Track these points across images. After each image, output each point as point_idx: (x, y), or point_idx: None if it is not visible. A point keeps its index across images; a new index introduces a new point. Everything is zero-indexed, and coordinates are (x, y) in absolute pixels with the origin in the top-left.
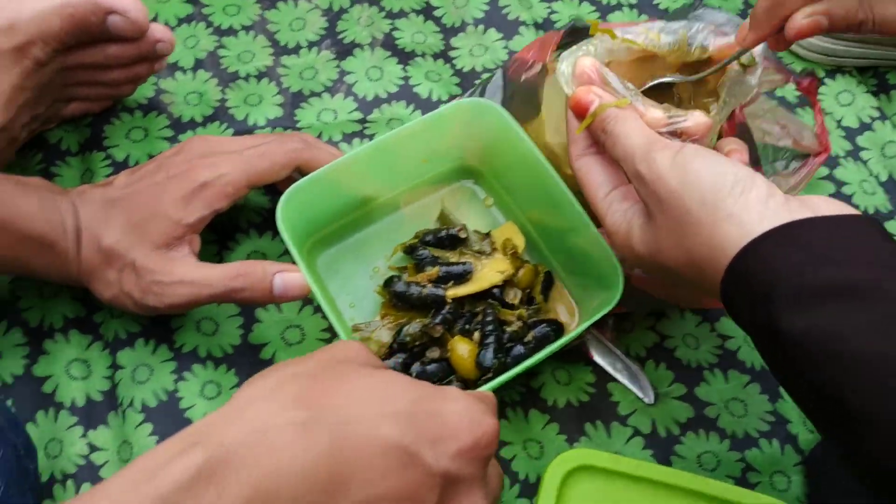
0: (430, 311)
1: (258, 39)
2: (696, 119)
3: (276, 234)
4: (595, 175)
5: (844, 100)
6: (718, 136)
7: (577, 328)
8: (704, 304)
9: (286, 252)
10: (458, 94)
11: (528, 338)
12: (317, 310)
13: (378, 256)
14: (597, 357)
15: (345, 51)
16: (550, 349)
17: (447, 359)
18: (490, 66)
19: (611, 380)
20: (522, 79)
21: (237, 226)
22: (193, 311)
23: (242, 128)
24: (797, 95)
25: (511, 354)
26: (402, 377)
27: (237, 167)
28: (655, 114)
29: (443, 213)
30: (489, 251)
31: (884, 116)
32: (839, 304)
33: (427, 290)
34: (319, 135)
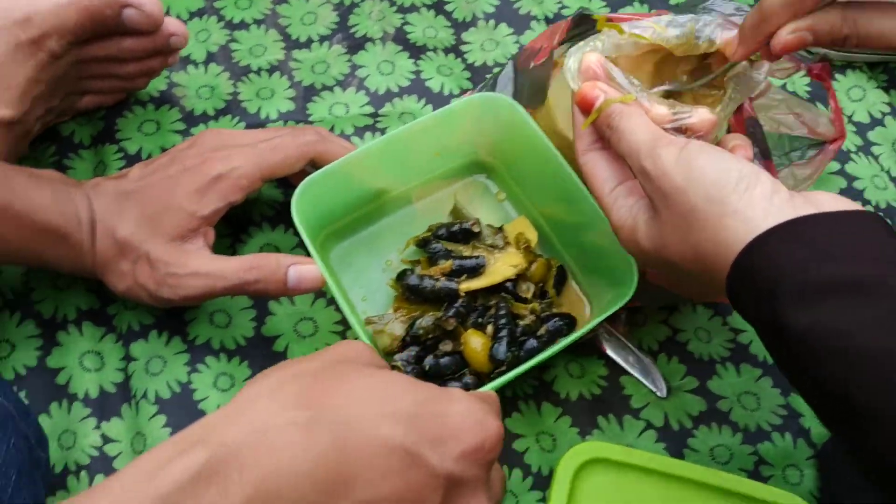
0: (443, 305)
1: (270, 33)
2: (701, 115)
3: (289, 228)
4: (600, 170)
5: (855, 95)
6: (728, 130)
7: (590, 322)
8: (717, 299)
9: (299, 245)
10: (470, 89)
11: (541, 331)
12: (330, 302)
13: (391, 250)
14: (609, 350)
15: (356, 45)
16: (563, 343)
17: (460, 352)
18: (501, 61)
19: (623, 373)
20: (531, 66)
21: (250, 219)
22: (206, 304)
23: (254, 121)
24: (808, 91)
25: (524, 348)
26: (405, 378)
27: (250, 160)
28: (660, 110)
29: (455, 208)
30: (502, 245)
31: (895, 112)
32: (844, 300)
33: (440, 284)
34: (331, 128)
